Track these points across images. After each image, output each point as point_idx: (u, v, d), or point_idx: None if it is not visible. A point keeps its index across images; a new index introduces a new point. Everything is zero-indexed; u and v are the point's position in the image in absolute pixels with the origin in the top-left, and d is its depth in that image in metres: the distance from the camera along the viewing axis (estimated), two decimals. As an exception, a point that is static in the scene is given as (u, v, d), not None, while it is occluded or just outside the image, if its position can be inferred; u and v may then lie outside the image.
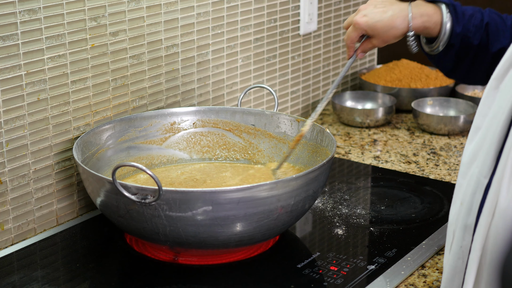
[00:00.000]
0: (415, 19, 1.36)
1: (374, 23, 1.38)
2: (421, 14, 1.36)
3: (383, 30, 1.38)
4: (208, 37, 1.75)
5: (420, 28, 1.37)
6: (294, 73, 2.06)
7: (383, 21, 1.37)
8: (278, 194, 1.28)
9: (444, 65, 1.42)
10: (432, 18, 1.37)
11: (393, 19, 1.37)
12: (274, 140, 1.61)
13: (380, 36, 1.39)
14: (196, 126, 1.64)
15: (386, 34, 1.38)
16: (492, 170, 0.99)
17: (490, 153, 0.99)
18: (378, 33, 1.38)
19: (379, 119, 2.05)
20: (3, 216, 1.42)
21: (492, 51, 1.35)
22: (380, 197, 1.64)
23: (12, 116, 1.40)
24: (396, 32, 1.37)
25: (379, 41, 1.40)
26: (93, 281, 1.33)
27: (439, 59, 1.41)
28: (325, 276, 1.33)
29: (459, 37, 1.36)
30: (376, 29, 1.38)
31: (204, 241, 1.29)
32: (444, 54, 1.39)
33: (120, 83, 1.58)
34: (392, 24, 1.37)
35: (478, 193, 1.00)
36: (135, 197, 1.24)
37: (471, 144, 1.04)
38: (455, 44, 1.36)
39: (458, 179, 1.06)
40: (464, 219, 1.02)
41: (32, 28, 1.40)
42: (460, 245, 1.03)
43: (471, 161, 1.03)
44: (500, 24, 1.36)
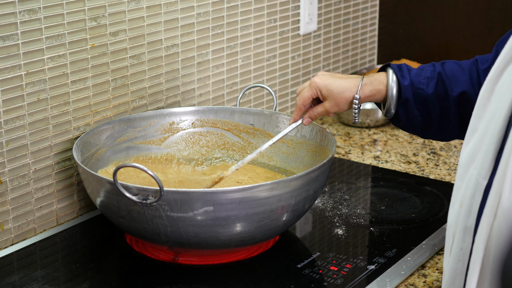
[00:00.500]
0: (365, 84, 1.39)
1: (330, 83, 1.40)
2: (371, 80, 1.39)
3: (337, 92, 1.39)
4: (208, 37, 1.75)
5: (371, 92, 1.39)
6: (294, 73, 2.06)
7: (339, 84, 1.40)
8: (279, 194, 1.28)
9: (414, 126, 1.41)
10: (381, 80, 1.39)
11: (347, 83, 1.39)
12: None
13: (333, 97, 1.39)
14: (195, 126, 1.64)
15: (340, 96, 1.39)
16: (491, 172, 0.99)
17: (489, 155, 0.99)
18: (332, 94, 1.39)
19: (379, 119, 2.05)
20: (3, 216, 1.42)
21: (453, 95, 1.35)
22: (380, 197, 1.64)
23: (12, 116, 1.40)
24: (349, 95, 1.38)
25: (332, 104, 1.40)
26: (93, 281, 1.33)
27: (406, 121, 1.40)
28: (325, 276, 1.33)
29: (409, 89, 1.36)
30: (331, 90, 1.39)
31: (205, 241, 1.29)
32: (406, 113, 1.39)
33: (120, 83, 1.58)
34: (346, 87, 1.39)
35: (477, 194, 1.00)
36: (136, 197, 1.24)
37: (467, 146, 1.04)
38: (408, 98, 1.36)
39: (456, 182, 1.06)
40: (464, 221, 1.02)
41: (32, 28, 1.40)
42: (461, 247, 1.03)
43: (468, 163, 1.03)
44: (456, 69, 1.36)
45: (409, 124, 1.40)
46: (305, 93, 1.42)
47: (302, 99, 1.42)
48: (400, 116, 1.39)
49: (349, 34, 2.24)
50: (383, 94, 1.39)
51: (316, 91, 1.41)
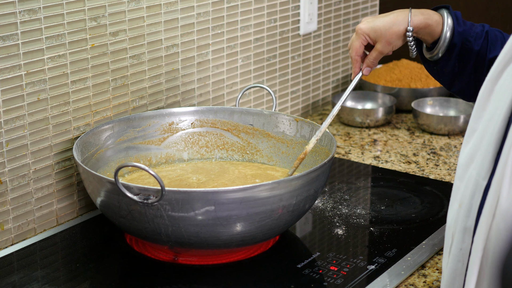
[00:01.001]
0: (415, 16, 1.37)
1: (375, 24, 1.38)
2: (422, 13, 1.37)
3: (384, 28, 1.37)
4: (208, 37, 1.75)
5: (421, 24, 1.37)
6: (294, 73, 2.06)
7: (384, 20, 1.38)
8: (280, 193, 1.28)
9: (445, 74, 1.41)
10: (433, 17, 1.37)
11: (394, 17, 1.37)
12: (273, 140, 1.61)
13: (383, 36, 1.38)
14: (194, 126, 1.64)
15: (388, 32, 1.37)
16: (490, 172, 0.98)
17: (488, 155, 0.99)
18: (380, 33, 1.38)
19: (379, 119, 2.05)
20: (3, 216, 1.42)
21: (490, 57, 1.36)
22: (380, 197, 1.64)
23: (12, 116, 1.40)
24: (398, 28, 1.36)
25: (383, 43, 1.38)
26: (93, 281, 1.33)
27: (441, 66, 1.40)
28: (325, 276, 1.33)
29: (460, 37, 1.36)
30: (378, 29, 1.38)
31: (206, 241, 1.29)
32: (446, 59, 1.38)
33: (120, 83, 1.58)
34: (393, 21, 1.37)
35: (477, 195, 1.00)
36: (137, 197, 1.24)
37: (467, 146, 1.04)
38: (457, 44, 1.36)
39: (455, 182, 1.06)
40: (463, 221, 1.02)
41: (32, 28, 1.40)
42: (460, 247, 1.02)
43: (468, 163, 1.03)
44: (500, 36, 1.37)
45: (444, 71, 1.39)
46: (354, 42, 1.41)
47: (354, 50, 1.41)
48: (441, 60, 1.38)
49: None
50: (432, 31, 1.37)
51: (364, 36, 1.39)
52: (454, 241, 1.04)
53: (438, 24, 1.37)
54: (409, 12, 1.37)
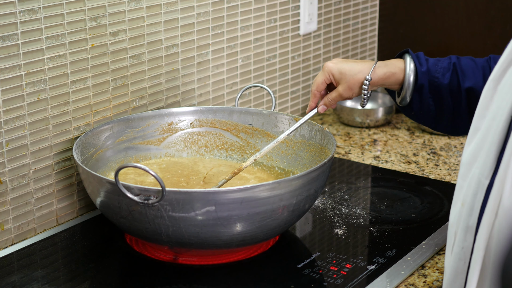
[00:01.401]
0: (379, 67, 1.39)
1: (342, 67, 1.40)
2: (386, 64, 1.40)
3: (350, 73, 1.39)
4: (208, 37, 1.75)
5: (385, 75, 1.39)
6: (294, 73, 2.06)
7: (352, 66, 1.40)
8: (281, 193, 1.28)
9: (423, 116, 1.42)
10: (397, 65, 1.39)
11: (361, 66, 1.40)
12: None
13: (346, 80, 1.39)
14: (193, 126, 1.64)
15: (352, 78, 1.39)
16: (493, 171, 0.99)
17: (491, 154, 0.99)
18: (344, 76, 1.40)
19: (379, 119, 2.05)
20: (3, 216, 1.42)
21: (465, 87, 1.36)
22: (380, 197, 1.64)
23: (12, 116, 1.40)
24: (362, 76, 1.39)
25: (344, 87, 1.40)
26: (93, 281, 1.33)
27: (416, 110, 1.41)
28: (325, 276, 1.33)
29: (425, 76, 1.37)
30: (344, 72, 1.39)
31: (207, 241, 1.29)
32: (418, 101, 1.39)
33: (120, 83, 1.58)
34: (360, 69, 1.39)
35: (479, 194, 1.00)
36: (138, 198, 1.24)
37: (470, 145, 1.04)
38: (424, 84, 1.37)
39: (458, 181, 1.06)
40: (465, 220, 1.02)
41: (32, 28, 1.40)
42: (462, 246, 1.03)
43: (471, 162, 1.03)
44: (471, 65, 1.38)
45: (422, 113, 1.40)
46: (318, 78, 1.43)
47: (316, 85, 1.43)
48: (414, 104, 1.39)
49: (349, 34, 2.24)
50: (397, 78, 1.39)
51: (329, 75, 1.41)
52: (456, 239, 1.04)
53: (401, 71, 1.39)
54: (373, 65, 1.39)
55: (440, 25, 2.25)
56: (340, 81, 1.41)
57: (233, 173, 1.45)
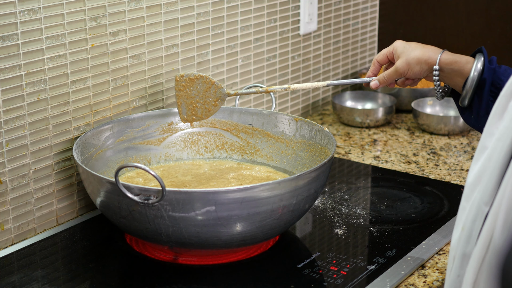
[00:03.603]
0: (445, 53, 1.36)
1: (408, 44, 1.39)
2: (453, 54, 1.37)
3: (412, 48, 1.37)
4: (208, 37, 1.75)
5: (449, 60, 1.35)
6: (294, 73, 2.06)
7: (418, 45, 1.38)
8: (281, 193, 1.28)
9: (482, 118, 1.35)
10: (463, 57, 1.36)
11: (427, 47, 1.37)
12: (272, 140, 1.61)
13: (406, 54, 1.37)
14: (193, 126, 1.64)
15: (412, 53, 1.36)
16: (493, 198, 0.93)
17: (492, 180, 0.93)
18: (406, 51, 1.37)
19: (379, 119, 2.05)
20: (3, 216, 1.42)
21: None
22: (380, 197, 1.64)
23: (12, 116, 1.40)
24: (423, 54, 1.36)
25: (402, 60, 1.38)
26: (93, 281, 1.33)
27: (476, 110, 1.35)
28: (325, 276, 1.33)
29: (491, 74, 1.32)
30: (407, 47, 1.37)
31: (207, 241, 1.29)
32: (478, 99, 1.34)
33: (120, 83, 1.58)
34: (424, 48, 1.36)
35: (478, 220, 0.95)
36: (138, 198, 1.24)
37: (476, 164, 0.98)
38: (487, 80, 1.32)
39: (462, 202, 1.00)
40: (463, 246, 0.98)
41: (32, 28, 1.40)
42: (458, 274, 0.99)
43: (475, 184, 0.97)
44: None
45: (480, 115, 1.34)
46: (384, 50, 1.42)
47: (379, 54, 1.42)
48: (473, 104, 1.35)
49: (349, 34, 2.24)
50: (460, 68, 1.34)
51: (393, 49, 1.40)
52: (454, 265, 1.00)
53: (467, 62, 1.35)
54: (442, 50, 1.36)
55: (440, 25, 2.25)
56: (401, 55, 1.38)
57: (257, 91, 1.47)
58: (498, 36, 2.15)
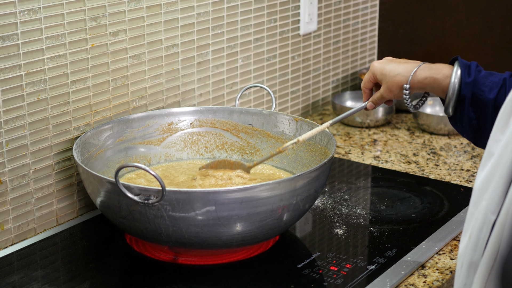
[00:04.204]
0: (422, 70, 1.34)
1: (384, 68, 1.37)
2: (430, 68, 1.34)
3: (390, 75, 1.35)
4: (208, 37, 1.75)
5: (426, 80, 1.33)
6: (294, 73, 2.06)
7: (394, 67, 1.36)
8: (281, 193, 1.28)
9: (466, 129, 1.34)
10: (442, 71, 1.33)
11: (403, 68, 1.35)
12: (272, 140, 1.61)
13: (386, 82, 1.36)
14: (193, 126, 1.64)
15: (391, 80, 1.35)
16: (500, 207, 0.92)
17: (499, 188, 0.92)
18: (385, 78, 1.36)
19: (379, 119, 2.05)
20: (3, 216, 1.42)
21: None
22: (380, 197, 1.64)
23: (12, 116, 1.40)
24: (401, 80, 1.34)
25: (385, 88, 1.37)
26: (93, 281, 1.33)
27: (460, 121, 1.34)
28: (325, 276, 1.33)
29: (469, 88, 1.30)
30: (385, 74, 1.36)
31: (207, 241, 1.29)
32: (461, 112, 1.32)
33: (120, 83, 1.58)
34: (401, 71, 1.35)
35: (485, 229, 0.94)
36: (138, 197, 1.24)
37: (483, 170, 0.96)
38: (466, 95, 1.30)
39: (470, 208, 0.99)
40: (470, 254, 0.96)
41: (32, 28, 1.40)
42: (464, 282, 0.98)
43: (482, 190, 0.96)
44: None
45: (464, 126, 1.33)
46: (365, 75, 1.41)
47: (363, 82, 1.41)
48: (457, 116, 1.33)
49: (349, 34, 2.24)
50: (440, 85, 1.32)
51: (373, 74, 1.39)
52: (461, 273, 0.99)
53: (445, 77, 1.32)
54: (417, 66, 1.34)
55: (440, 25, 2.25)
56: (381, 82, 1.38)
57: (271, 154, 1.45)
58: (498, 36, 2.15)
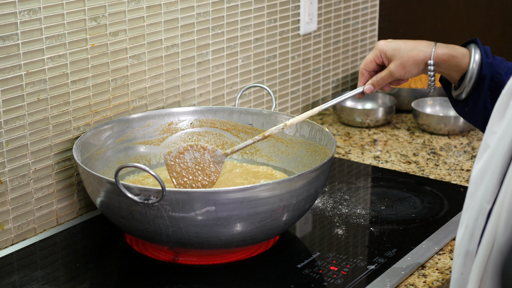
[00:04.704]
0: (439, 47, 1.29)
1: (396, 43, 1.30)
2: (447, 46, 1.30)
3: (404, 49, 1.29)
4: (208, 37, 1.75)
5: (445, 56, 1.29)
6: (294, 73, 2.06)
7: (407, 42, 1.30)
8: (281, 193, 1.28)
9: (477, 113, 1.30)
10: (459, 50, 1.29)
11: (417, 43, 1.30)
12: (272, 140, 1.61)
13: (399, 56, 1.29)
14: (193, 126, 1.64)
15: (406, 54, 1.28)
16: (495, 195, 0.93)
17: (494, 177, 0.93)
18: (398, 52, 1.29)
19: (379, 119, 2.05)
20: (3, 216, 1.42)
21: None
22: (380, 197, 1.64)
23: (12, 116, 1.40)
24: (418, 54, 1.28)
25: (397, 64, 1.29)
26: (93, 281, 1.33)
27: (472, 105, 1.30)
28: (325, 276, 1.33)
29: (489, 69, 1.26)
30: (398, 48, 1.29)
31: (207, 241, 1.29)
32: (476, 95, 1.29)
33: (120, 83, 1.58)
34: (415, 45, 1.29)
35: (480, 218, 0.95)
36: (138, 198, 1.24)
37: (479, 162, 0.97)
38: (486, 76, 1.26)
39: (466, 199, 1.00)
40: (466, 244, 0.97)
41: (32, 28, 1.40)
42: (461, 272, 0.99)
43: (478, 182, 0.97)
44: None
45: (476, 110, 1.29)
46: (368, 56, 1.33)
47: (364, 62, 1.34)
48: (470, 99, 1.29)
49: (349, 34, 2.24)
50: (457, 63, 1.28)
51: (380, 52, 1.31)
52: (458, 263, 1.00)
53: (464, 56, 1.28)
54: (434, 43, 1.29)
55: (440, 25, 2.25)
56: (393, 58, 1.30)
57: (255, 140, 1.42)
58: (498, 36, 2.15)
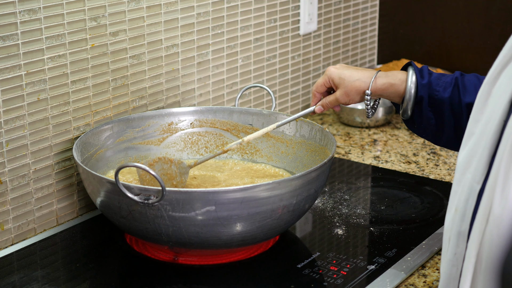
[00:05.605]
0: (380, 78, 1.40)
1: (343, 72, 1.42)
2: (387, 75, 1.40)
3: (348, 80, 1.40)
4: (208, 37, 1.75)
5: (384, 86, 1.39)
6: (294, 73, 2.06)
7: (352, 73, 1.41)
8: (281, 193, 1.28)
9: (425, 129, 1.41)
10: (398, 76, 1.40)
11: (361, 74, 1.41)
12: (272, 140, 1.61)
13: (344, 86, 1.41)
14: (193, 126, 1.64)
15: (350, 85, 1.40)
16: (484, 176, 0.97)
17: (483, 159, 0.98)
18: (343, 82, 1.41)
19: (379, 119, 2.05)
20: (3, 216, 1.42)
21: (466, 101, 1.35)
22: (380, 197, 1.64)
23: (12, 116, 1.40)
24: (360, 85, 1.39)
25: (341, 92, 1.41)
26: (93, 281, 1.33)
27: (418, 123, 1.41)
28: (325, 276, 1.33)
29: (425, 89, 1.37)
30: (343, 78, 1.41)
31: (207, 241, 1.29)
32: (419, 114, 1.39)
33: (120, 83, 1.58)
34: (359, 77, 1.40)
35: (471, 199, 0.99)
36: (138, 197, 1.24)
37: (464, 149, 1.03)
38: (423, 96, 1.36)
39: (453, 186, 1.05)
40: (458, 225, 1.01)
41: (32, 28, 1.40)
42: (454, 252, 1.02)
43: (465, 167, 1.02)
44: (473, 81, 1.37)
45: (422, 127, 1.40)
46: (319, 80, 1.45)
47: (316, 86, 1.46)
48: (415, 117, 1.40)
49: (349, 34, 2.24)
50: (396, 90, 1.39)
51: (329, 79, 1.43)
52: (450, 245, 1.03)
53: (402, 82, 1.39)
54: (374, 74, 1.40)
55: (440, 25, 2.25)
56: (338, 86, 1.42)
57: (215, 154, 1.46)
58: (498, 36, 2.15)
